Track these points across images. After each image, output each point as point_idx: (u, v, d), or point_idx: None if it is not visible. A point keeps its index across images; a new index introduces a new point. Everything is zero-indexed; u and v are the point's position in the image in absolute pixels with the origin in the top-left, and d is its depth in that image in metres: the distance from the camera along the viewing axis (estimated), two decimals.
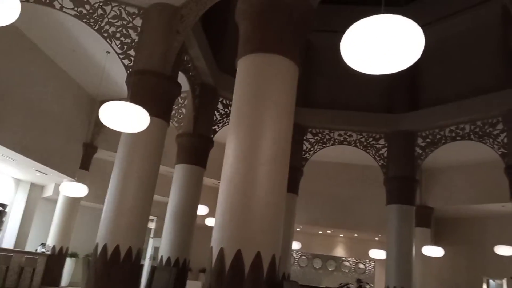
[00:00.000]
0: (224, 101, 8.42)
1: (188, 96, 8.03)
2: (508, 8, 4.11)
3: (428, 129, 8.67)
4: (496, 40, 7.92)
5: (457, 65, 8.61)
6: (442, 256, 11.20)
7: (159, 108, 5.54)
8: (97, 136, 10.11)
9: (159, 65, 5.68)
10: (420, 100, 9.06)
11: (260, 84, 3.97)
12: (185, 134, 7.85)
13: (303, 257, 15.77)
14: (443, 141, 8.48)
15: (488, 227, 12.17)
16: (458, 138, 8.24)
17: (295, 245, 13.81)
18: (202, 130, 7.86)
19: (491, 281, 12.67)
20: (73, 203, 10.19)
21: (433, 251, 10.92)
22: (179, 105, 8.35)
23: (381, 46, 2.46)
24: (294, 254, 15.54)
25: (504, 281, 12.20)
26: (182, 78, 7.07)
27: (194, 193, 7.70)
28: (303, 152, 9.51)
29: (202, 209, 9.44)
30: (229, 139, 4.03)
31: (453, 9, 8.68)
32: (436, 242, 12.65)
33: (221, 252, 3.64)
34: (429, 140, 8.68)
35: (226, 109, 8.44)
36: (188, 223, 7.56)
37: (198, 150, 7.78)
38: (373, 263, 15.25)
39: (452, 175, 11.44)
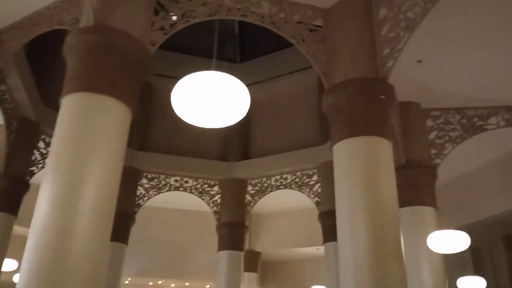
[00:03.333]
0: (47, 139, 7.55)
1: (1, 131, 6.97)
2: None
3: (257, 177, 9.30)
4: (314, 101, 9.12)
5: (283, 121, 9.61)
6: None
7: None
8: None
9: None
10: (251, 150, 9.72)
11: (85, 125, 3.66)
12: None
13: None
14: (269, 189, 9.17)
15: (306, 269, 13.41)
16: (281, 186, 9.04)
17: None
18: (16, 171, 6.83)
19: None
20: None
21: None
22: None
23: (209, 100, 2.54)
24: None
25: None
26: None
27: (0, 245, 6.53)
28: (137, 198, 9.09)
29: (9, 264, 8.05)
30: (43, 186, 3.55)
31: (281, 71, 9.81)
32: (262, 286, 13.31)
33: None
34: (257, 188, 9.28)
35: (49, 148, 7.57)
36: None
37: (9, 194, 6.69)
38: None
39: (277, 221, 12.42)
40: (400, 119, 6.47)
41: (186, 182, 9.45)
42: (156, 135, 9.67)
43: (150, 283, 14.27)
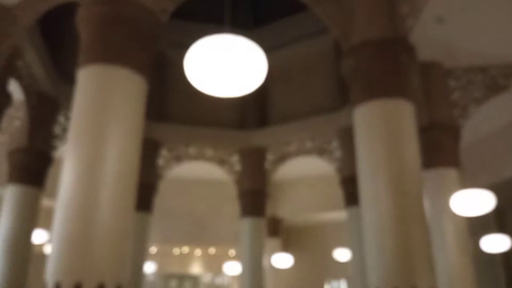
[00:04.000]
0: (67, 114, 7.67)
1: (23, 107, 7.08)
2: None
3: (276, 145, 9.28)
4: (331, 66, 8.94)
5: (300, 86, 9.46)
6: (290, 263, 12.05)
7: None
8: None
9: None
10: (268, 118, 9.66)
11: (103, 97, 3.67)
12: (18, 150, 6.87)
13: (159, 278, 15.24)
14: (289, 156, 9.16)
15: (328, 233, 13.56)
16: (301, 153, 9.00)
17: (151, 266, 13.26)
18: (39, 145, 6.98)
19: (332, 282, 14.09)
20: None
21: (283, 259, 11.68)
22: (12, 116, 7.30)
23: (224, 66, 2.48)
24: (149, 276, 14.92)
25: (343, 281, 13.69)
26: (15, 86, 6.22)
27: (29, 218, 6.78)
28: (158, 169, 9.23)
29: (40, 235, 8.37)
30: (67, 159, 3.62)
31: (296, 36, 9.57)
32: (285, 250, 13.55)
33: (58, 286, 3.22)
34: (277, 156, 9.28)
35: (69, 122, 7.70)
36: (22, 252, 6.60)
37: (33, 168, 6.87)
38: (229, 276, 15.56)
39: (298, 187, 12.49)
40: (422, 80, 6.28)
41: (206, 152, 9.52)
42: (173, 106, 9.70)
43: (177, 251, 14.75)
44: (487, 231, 9.07)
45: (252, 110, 9.74)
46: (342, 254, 11.42)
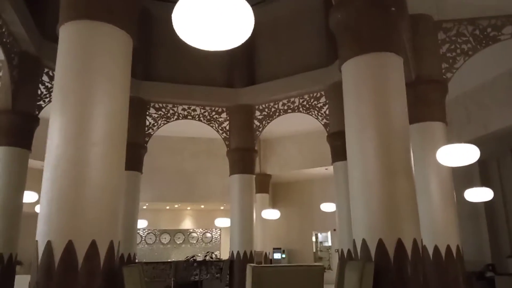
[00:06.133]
0: (50, 73, 7.45)
1: (4, 67, 6.86)
2: None
3: (264, 102, 9.23)
4: (319, 22, 8.75)
5: (288, 43, 9.28)
6: (279, 217, 12.37)
7: None
8: None
9: None
10: (256, 75, 9.54)
11: (87, 55, 3.57)
12: (2, 111, 6.74)
13: (151, 234, 15.55)
14: (277, 113, 9.15)
15: (315, 188, 13.86)
16: (289, 110, 9.00)
17: (142, 223, 13.49)
18: (23, 106, 6.83)
19: (318, 234, 14.59)
20: None
21: (271, 213, 11.98)
22: None
23: (212, 20, 2.41)
24: (141, 232, 15.21)
25: (329, 233, 14.17)
26: None
27: (18, 179, 6.75)
28: (146, 128, 9.17)
29: (29, 196, 8.38)
30: (53, 118, 3.57)
31: None
32: (273, 205, 13.88)
33: (49, 246, 3.26)
34: (265, 113, 9.27)
35: (53, 82, 7.50)
36: (12, 213, 6.62)
37: (19, 129, 6.76)
38: (219, 232, 15.95)
39: (286, 144, 12.63)
40: (411, 33, 6.21)
41: (194, 110, 9.45)
42: (160, 64, 9.48)
43: (167, 207, 15.01)
44: (471, 182, 9.33)
45: (240, 68, 9.60)
46: (328, 207, 11.72)
